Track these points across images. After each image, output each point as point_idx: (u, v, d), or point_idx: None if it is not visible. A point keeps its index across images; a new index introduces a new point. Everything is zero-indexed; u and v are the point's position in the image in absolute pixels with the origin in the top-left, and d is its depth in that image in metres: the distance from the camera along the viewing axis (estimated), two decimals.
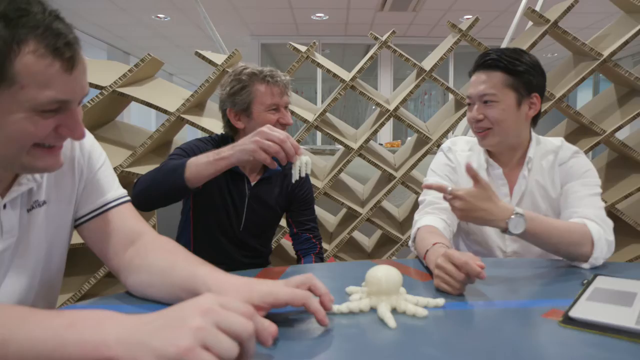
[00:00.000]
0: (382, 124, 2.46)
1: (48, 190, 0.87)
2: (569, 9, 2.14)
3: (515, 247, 1.36)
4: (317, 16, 6.36)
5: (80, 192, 0.93)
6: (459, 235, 1.47)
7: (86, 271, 2.17)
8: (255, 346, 0.55)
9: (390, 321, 0.71)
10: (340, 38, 7.46)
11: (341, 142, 2.47)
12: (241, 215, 1.53)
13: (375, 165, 2.47)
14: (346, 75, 2.51)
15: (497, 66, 1.26)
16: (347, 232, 2.47)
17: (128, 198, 0.99)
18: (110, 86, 2.11)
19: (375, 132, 2.47)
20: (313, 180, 2.50)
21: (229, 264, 1.51)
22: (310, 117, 2.48)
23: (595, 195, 1.26)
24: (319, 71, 7.09)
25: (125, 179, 2.22)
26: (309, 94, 8.05)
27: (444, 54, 2.38)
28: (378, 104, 2.46)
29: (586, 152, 2.22)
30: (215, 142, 1.52)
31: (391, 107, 2.45)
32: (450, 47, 2.37)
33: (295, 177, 1.05)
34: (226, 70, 2.35)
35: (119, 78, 2.14)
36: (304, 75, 7.75)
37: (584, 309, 0.74)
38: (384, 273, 0.80)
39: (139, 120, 8.39)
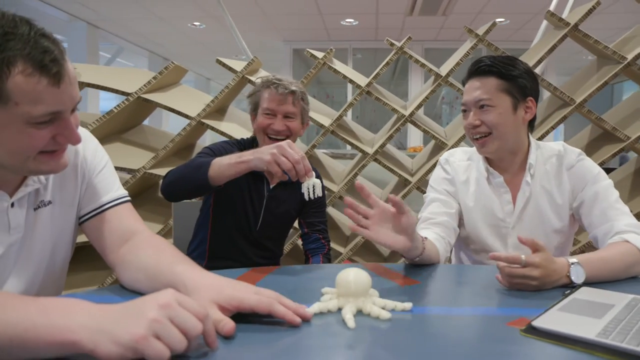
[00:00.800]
0: (398, 129, 2.46)
1: (53, 192, 0.95)
2: (589, 11, 2.09)
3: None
4: (347, 21, 6.39)
5: (82, 193, 1.00)
6: (459, 246, 1.47)
7: (104, 266, 2.29)
8: (197, 343, 0.60)
9: (350, 322, 0.73)
10: (371, 43, 7.46)
11: (356, 147, 2.50)
12: (258, 216, 1.58)
13: (390, 170, 2.48)
14: (363, 81, 2.53)
15: (491, 72, 1.26)
16: (362, 235, 2.48)
17: (127, 199, 1.05)
18: (135, 92, 2.22)
19: (391, 137, 2.48)
20: (329, 184, 2.54)
21: (243, 261, 1.57)
22: (327, 121, 2.52)
23: (618, 200, 1.25)
24: None
25: (147, 180, 2.33)
26: (339, 97, 8.10)
27: (460, 59, 2.37)
28: (393, 109, 2.47)
29: (610, 159, 2.16)
30: (241, 145, 1.60)
31: (406, 113, 2.45)
32: (467, 52, 2.35)
33: (306, 196, 1.10)
34: (245, 76, 2.43)
35: (144, 85, 2.25)
36: (334, 80, 7.79)
37: (549, 319, 0.74)
38: (353, 276, 0.82)
39: (176, 124, 8.68)
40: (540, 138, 2.32)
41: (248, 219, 1.58)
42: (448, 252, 1.30)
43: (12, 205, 0.86)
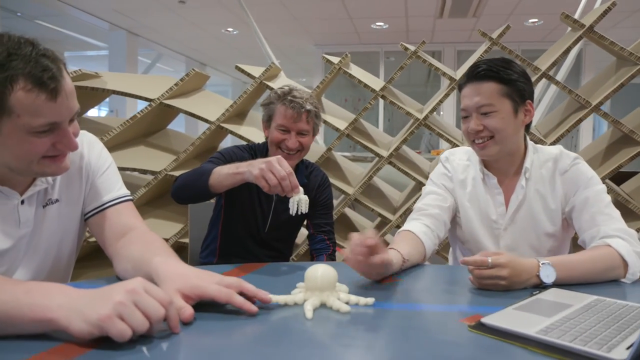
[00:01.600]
0: (412, 133, 2.49)
1: (60, 191, 1.05)
2: (605, 13, 2.05)
3: None
4: (377, 25, 6.42)
5: (86, 192, 1.10)
6: (455, 244, 1.49)
7: None
8: (160, 327, 0.68)
9: (308, 313, 0.79)
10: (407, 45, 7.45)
11: (371, 150, 2.54)
12: (267, 218, 1.65)
13: (405, 173, 2.51)
14: (378, 85, 2.57)
15: (490, 76, 1.26)
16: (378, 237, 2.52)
17: (127, 198, 1.14)
18: (157, 98, 2.35)
19: (405, 140, 2.50)
20: (345, 187, 2.59)
21: (252, 261, 1.64)
22: (342, 125, 2.57)
23: (609, 206, 1.24)
24: (380, 78, 7.13)
25: (169, 181, 2.45)
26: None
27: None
28: (408, 113, 2.50)
29: (627, 162, 2.10)
30: (253, 150, 1.66)
31: (421, 116, 2.47)
32: (481, 55, 2.35)
33: (291, 211, 1.14)
34: (263, 82, 2.51)
35: (166, 91, 2.38)
36: None
37: (499, 317, 0.76)
38: (320, 271, 0.88)
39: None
40: (558, 140, 2.29)
41: (257, 221, 1.63)
42: (436, 245, 1.32)
43: (22, 202, 0.97)
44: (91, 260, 2.35)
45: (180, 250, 2.44)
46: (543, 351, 0.65)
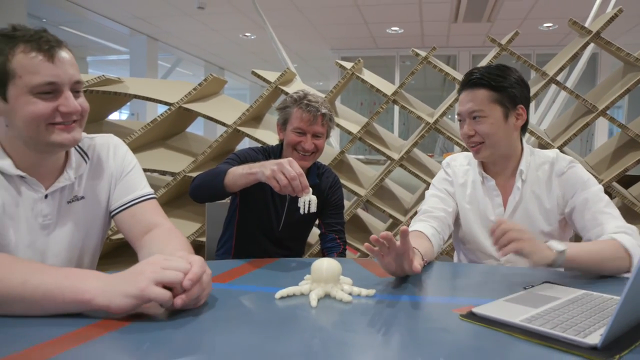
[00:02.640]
0: (422, 136, 2.54)
1: (86, 189, 1.14)
2: (612, 19, 2.09)
3: (508, 255, 1.41)
4: (393, 30, 6.48)
5: (112, 191, 1.19)
6: (458, 245, 1.55)
7: None
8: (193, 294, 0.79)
9: (313, 302, 0.86)
10: (419, 50, 7.49)
11: (383, 153, 2.60)
12: (280, 217, 1.71)
13: (415, 175, 2.56)
14: (390, 90, 2.63)
15: (482, 84, 1.33)
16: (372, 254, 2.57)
17: (151, 196, 1.23)
18: (177, 103, 2.45)
19: (416, 143, 2.56)
20: (357, 188, 2.65)
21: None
22: (355, 128, 2.64)
23: (609, 205, 1.30)
24: (396, 82, 7.17)
25: (188, 182, 2.54)
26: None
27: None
28: (418, 117, 2.56)
29: (633, 166, 2.13)
30: (267, 152, 1.73)
31: (432, 120, 2.53)
32: (490, 61, 2.39)
33: (302, 211, 1.20)
34: (279, 87, 2.60)
35: (185, 96, 2.48)
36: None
37: (489, 307, 0.82)
38: (325, 264, 0.95)
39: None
40: (565, 144, 2.33)
41: (270, 221, 1.70)
42: (441, 247, 1.38)
43: (46, 197, 1.06)
44: (115, 257, 2.47)
45: (198, 248, 2.53)
46: (526, 337, 0.72)
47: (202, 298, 0.83)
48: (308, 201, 1.19)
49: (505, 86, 1.32)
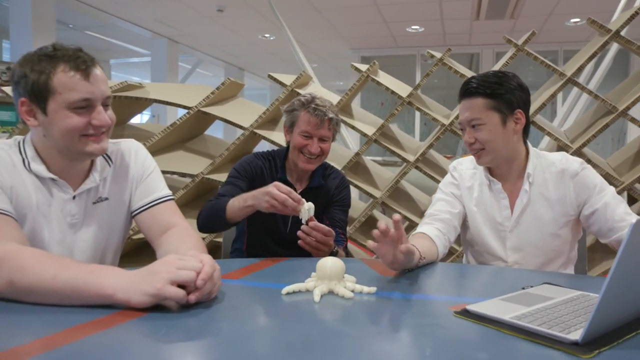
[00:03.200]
0: (438, 138, 2.57)
1: (110, 190, 1.23)
2: (632, 17, 2.07)
3: (516, 257, 1.44)
4: (413, 28, 6.47)
5: (133, 192, 1.27)
6: (466, 247, 1.58)
7: None
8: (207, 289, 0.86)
9: (316, 297, 0.92)
10: (440, 48, 7.44)
11: (398, 155, 2.63)
12: (287, 219, 1.74)
13: (430, 177, 2.59)
14: (406, 91, 2.66)
15: (478, 92, 1.37)
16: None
17: (170, 198, 1.30)
18: (195, 106, 2.54)
19: (431, 145, 2.58)
20: (373, 190, 2.69)
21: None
22: (370, 130, 2.68)
23: (627, 206, 1.35)
24: (417, 82, 7.14)
25: (206, 184, 2.63)
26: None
27: (499, 69, 2.42)
28: (434, 119, 2.58)
29: None
30: (271, 155, 1.79)
31: (447, 122, 2.54)
32: (506, 62, 2.40)
33: (303, 220, 1.32)
34: (294, 90, 2.66)
35: (203, 99, 2.56)
36: (435, 85, 7.81)
37: (484, 305, 0.86)
38: (330, 263, 1.00)
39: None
40: (584, 145, 2.31)
41: (277, 224, 1.74)
42: (447, 247, 1.42)
43: (74, 197, 1.15)
44: (136, 256, 2.57)
45: (215, 249, 2.62)
46: (513, 333, 0.75)
47: (214, 292, 0.90)
48: (307, 210, 1.29)
49: (501, 93, 1.36)
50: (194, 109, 2.52)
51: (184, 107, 2.52)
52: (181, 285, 0.84)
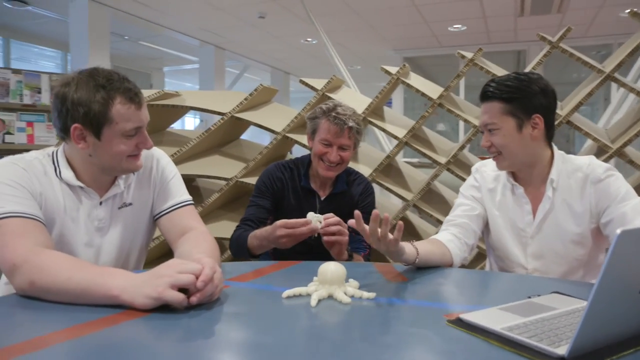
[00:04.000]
0: (469, 139, 2.51)
1: (133, 196, 1.30)
2: None
3: (536, 264, 1.39)
4: (455, 27, 6.34)
5: (155, 197, 1.34)
6: (489, 251, 1.55)
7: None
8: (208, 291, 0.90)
9: (313, 302, 0.93)
10: (484, 46, 7.22)
11: (429, 157, 2.60)
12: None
13: (463, 179, 2.53)
14: (435, 93, 2.62)
15: (494, 96, 1.34)
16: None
17: (189, 203, 1.36)
18: (229, 112, 2.62)
19: (463, 147, 2.53)
20: (403, 193, 2.67)
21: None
22: (401, 133, 2.66)
23: None
24: (462, 83, 6.97)
25: (240, 187, 2.70)
26: None
27: (533, 67, 2.34)
28: (466, 121, 2.52)
29: None
30: (295, 164, 1.83)
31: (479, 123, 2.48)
32: (540, 59, 2.31)
33: (320, 229, 1.39)
34: (325, 94, 2.69)
35: (237, 105, 2.64)
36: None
37: (478, 314, 0.84)
38: (330, 268, 1.02)
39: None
40: (625, 145, 2.19)
41: None
42: (465, 252, 1.39)
43: (101, 203, 1.23)
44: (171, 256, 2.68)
45: None
46: (501, 344, 0.74)
47: (215, 294, 0.94)
48: (316, 220, 1.36)
49: (517, 97, 1.31)
50: (228, 115, 2.61)
51: (218, 113, 2.61)
52: (183, 289, 0.89)
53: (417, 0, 5.22)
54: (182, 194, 1.37)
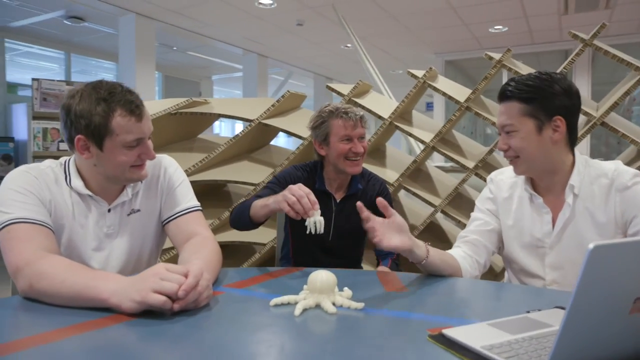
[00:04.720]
0: (497, 143, 2.41)
1: (141, 203, 1.35)
2: None
3: (555, 275, 1.31)
4: (496, 29, 6.14)
5: (163, 203, 1.38)
6: (506, 263, 1.47)
7: (236, 263, 2.77)
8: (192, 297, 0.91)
9: (297, 311, 0.92)
10: (528, 47, 6.97)
11: (457, 162, 2.52)
12: (329, 229, 1.79)
13: None
14: (463, 96, 2.55)
15: (513, 96, 1.25)
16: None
17: (196, 209, 1.39)
18: (256, 119, 2.66)
19: (491, 151, 2.44)
20: (431, 198, 2.61)
21: (323, 267, 1.81)
22: (428, 137, 2.60)
23: None
24: (503, 81, 6.72)
25: None
26: None
27: (564, 67, 2.23)
28: (494, 124, 2.43)
29: None
30: (310, 167, 1.84)
31: None
32: (572, 58, 2.20)
33: (308, 231, 1.28)
34: (352, 99, 2.67)
35: (264, 112, 2.68)
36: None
37: (461, 330, 0.79)
38: (320, 277, 1.00)
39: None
40: None
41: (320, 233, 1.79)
42: (477, 270, 1.34)
43: (109, 210, 1.28)
44: None
45: (272, 255, 2.71)
46: None
47: (202, 300, 0.95)
48: (316, 221, 1.26)
49: (537, 98, 1.23)
50: (255, 122, 2.65)
51: (246, 120, 2.66)
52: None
53: (454, 2, 5.10)
54: (188, 200, 1.40)
